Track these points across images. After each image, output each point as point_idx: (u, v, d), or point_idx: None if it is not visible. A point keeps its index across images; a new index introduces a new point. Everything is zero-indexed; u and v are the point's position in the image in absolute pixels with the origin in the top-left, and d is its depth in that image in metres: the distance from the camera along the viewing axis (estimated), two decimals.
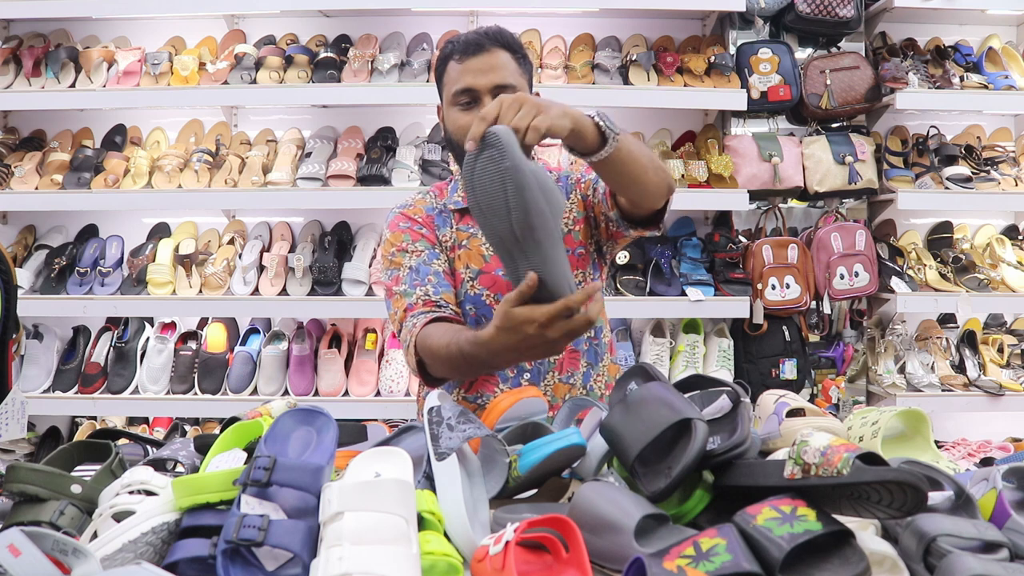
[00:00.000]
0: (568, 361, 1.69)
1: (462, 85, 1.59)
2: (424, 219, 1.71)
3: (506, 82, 1.58)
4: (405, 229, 1.68)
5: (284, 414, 1.15)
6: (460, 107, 1.60)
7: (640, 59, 2.94)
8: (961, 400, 2.90)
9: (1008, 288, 2.98)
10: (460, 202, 1.70)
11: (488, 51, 1.59)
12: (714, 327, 3.07)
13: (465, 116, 1.59)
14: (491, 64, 1.58)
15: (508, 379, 1.66)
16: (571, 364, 1.69)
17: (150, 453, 1.45)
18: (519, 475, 1.16)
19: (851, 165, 2.97)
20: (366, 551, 0.89)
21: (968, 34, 3.24)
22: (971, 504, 1.01)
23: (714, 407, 1.21)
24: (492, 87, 1.57)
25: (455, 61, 1.61)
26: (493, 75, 1.58)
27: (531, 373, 1.67)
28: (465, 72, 1.59)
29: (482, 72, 1.58)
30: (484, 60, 1.58)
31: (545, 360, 1.67)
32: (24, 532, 0.86)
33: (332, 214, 3.14)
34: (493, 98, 1.55)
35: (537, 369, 1.67)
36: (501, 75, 1.58)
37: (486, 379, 1.67)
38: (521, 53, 1.64)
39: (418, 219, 1.70)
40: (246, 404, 2.71)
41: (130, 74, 2.97)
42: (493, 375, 1.66)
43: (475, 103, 1.58)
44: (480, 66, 1.58)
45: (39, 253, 3.09)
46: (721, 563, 0.88)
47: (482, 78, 1.57)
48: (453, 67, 1.61)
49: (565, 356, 1.68)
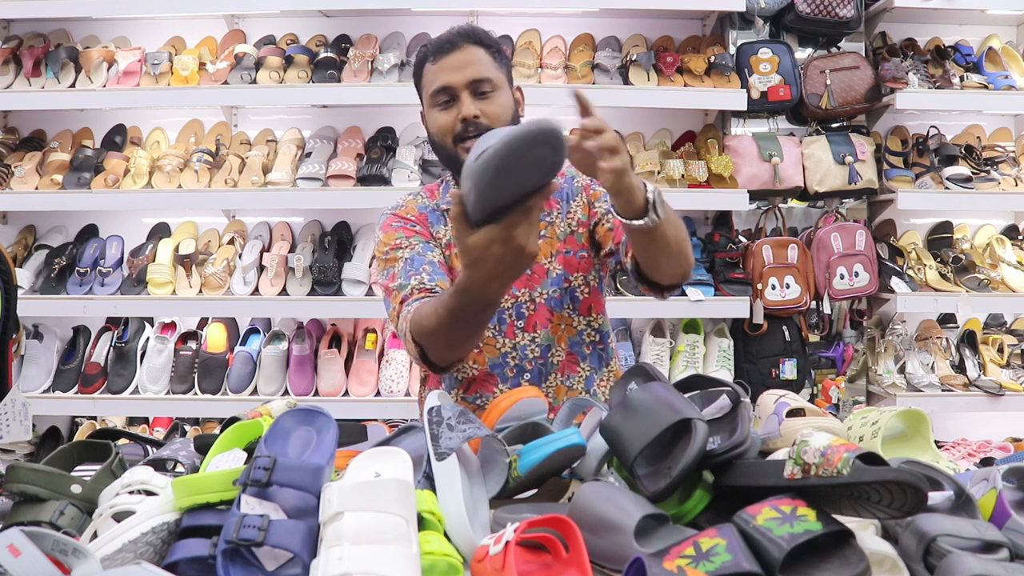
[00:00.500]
0: (568, 363, 1.69)
1: (439, 84, 1.58)
2: (417, 217, 1.71)
3: (482, 76, 1.58)
4: (398, 228, 1.67)
5: (284, 414, 1.15)
6: (440, 107, 1.59)
7: (640, 59, 2.94)
8: (961, 400, 2.90)
9: (1008, 288, 2.98)
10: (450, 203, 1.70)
11: (460, 48, 1.59)
12: (714, 327, 3.07)
13: (445, 115, 1.58)
14: (465, 60, 1.58)
15: (508, 379, 1.66)
16: (571, 367, 1.69)
17: (150, 453, 1.45)
18: (519, 475, 1.16)
19: (851, 165, 2.97)
20: (366, 551, 0.89)
21: (968, 34, 3.24)
22: (971, 504, 1.01)
23: (714, 407, 1.21)
24: (468, 82, 1.57)
25: (430, 63, 1.61)
26: (468, 71, 1.57)
27: (531, 374, 1.67)
28: (440, 71, 1.59)
29: (456, 69, 1.57)
30: (457, 57, 1.58)
31: (547, 361, 1.67)
32: (24, 532, 0.86)
33: (332, 214, 3.14)
34: (471, 93, 1.56)
35: (539, 370, 1.67)
36: (476, 70, 1.58)
37: (486, 379, 1.67)
38: (496, 48, 1.63)
39: (411, 217, 1.70)
40: (246, 404, 2.71)
41: (130, 74, 2.97)
42: (493, 375, 1.66)
43: (453, 101, 1.58)
44: (454, 63, 1.58)
45: (39, 253, 3.09)
46: (721, 563, 0.88)
47: (457, 75, 1.57)
48: (429, 69, 1.61)
49: (565, 358, 1.68)
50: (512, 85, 1.67)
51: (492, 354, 1.66)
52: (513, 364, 1.66)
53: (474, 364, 1.66)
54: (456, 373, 1.68)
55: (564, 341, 1.68)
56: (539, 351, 1.66)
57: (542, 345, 1.66)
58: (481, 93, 1.58)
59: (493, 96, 1.59)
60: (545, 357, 1.66)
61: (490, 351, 1.66)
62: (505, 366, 1.66)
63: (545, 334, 1.66)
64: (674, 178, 2.89)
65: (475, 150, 1.14)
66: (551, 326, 1.66)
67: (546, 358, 1.66)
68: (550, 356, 1.67)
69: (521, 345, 1.66)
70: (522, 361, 1.66)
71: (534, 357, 1.66)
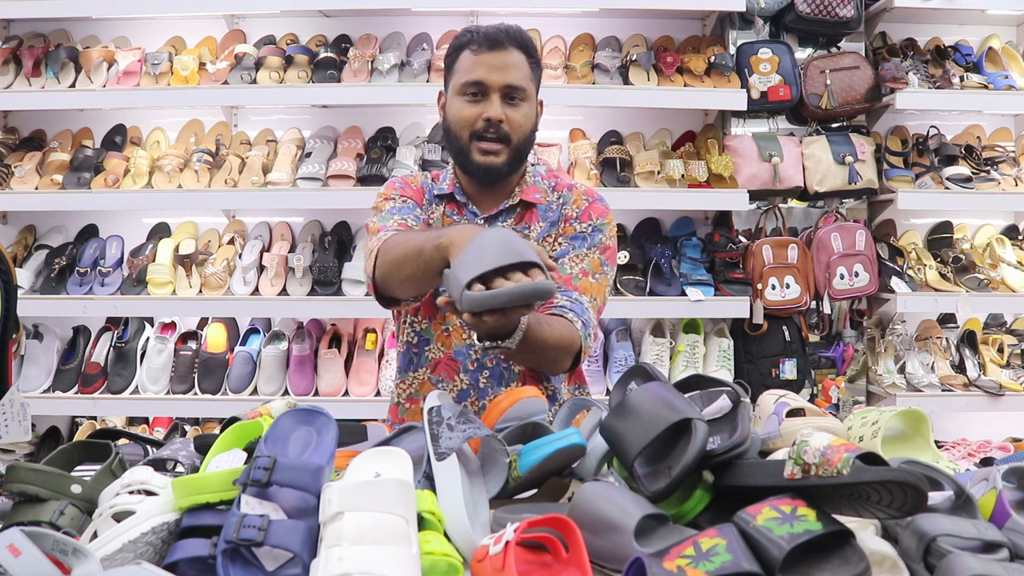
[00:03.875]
0: (531, 376, 1.68)
1: (474, 77, 1.59)
2: (417, 190, 1.75)
3: (517, 83, 1.60)
4: (398, 188, 1.73)
5: (284, 414, 1.15)
6: (467, 97, 1.61)
7: (640, 59, 2.94)
8: (961, 400, 2.90)
9: (1008, 288, 2.98)
10: (445, 189, 1.73)
11: (506, 49, 1.60)
12: (714, 327, 3.07)
13: (470, 108, 1.60)
14: (506, 62, 1.59)
15: (468, 371, 1.67)
16: (534, 381, 1.68)
17: (150, 453, 1.45)
18: (519, 475, 1.16)
19: (851, 165, 2.97)
20: (366, 551, 0.89)
21: (968, 34, 3.24)
22: (971, 504, 1.01)
23: (714, 407, 1.21)
24: (503, 86, 1.59)
25: (471, 51, 1.61)
26: (506, 74, 1.59)
27: (490, 372, 1.66)
28: (479, 65, 1.59)
29: (496, 68, 1.59)
30: (500, 57, 1.59)
31: (509, 366, 1.67)
32: (24, 532, 0.86)
33: (332, 214, 3.13)
34: (502, 98, 1.59)
35: (500, 373, 1.67)
36: (513, 75, 1.59)
37: (450, 363, 1.68)
38: (535, 58, 1.66)
39: (412, 187, 1.75)
40: (246, 404, 2.71)
41: (130, 74, 2.97)
42: (456, 361, 1.67)
43: (482, 97, 1.59)
44: (495, 62, 1.59)
45: (39, 253, 3.09)
46: (721, 563, 0.88)
47: (495, 75, 1.58)
48: (467, 56, 1.62)
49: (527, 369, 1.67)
50: (537, 97, 1.69)
51: (458, 342, 1.68)
52: (474, 358, 1.67)
53: (441, 347, 1.68)
54: (427, 353, 1.70)
55: None
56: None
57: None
58: (511, 99, 1.60)
59: (520, 105, 1.62)
60: (508, 362, 1.66)
61: (456, 338, 1.68)
62: (468, 358, 1.67)
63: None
64: (674, 178, 2.89)
65: (461, 272, 1.21)
66: None
67: (509, 363, 1.66)
68: (513, 363, 1.66)
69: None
70: (483, 357, 1.66)
71: (496, 357, 1.65)
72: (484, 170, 1.62)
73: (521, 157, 1.65)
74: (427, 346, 1.69)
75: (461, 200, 1.71)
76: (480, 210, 1.70)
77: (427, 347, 1.69)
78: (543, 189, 1.73)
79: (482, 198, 1.71)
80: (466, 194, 1.71)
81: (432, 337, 1.69)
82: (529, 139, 1.65)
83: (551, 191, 1.74)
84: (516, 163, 1.65)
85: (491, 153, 1.60)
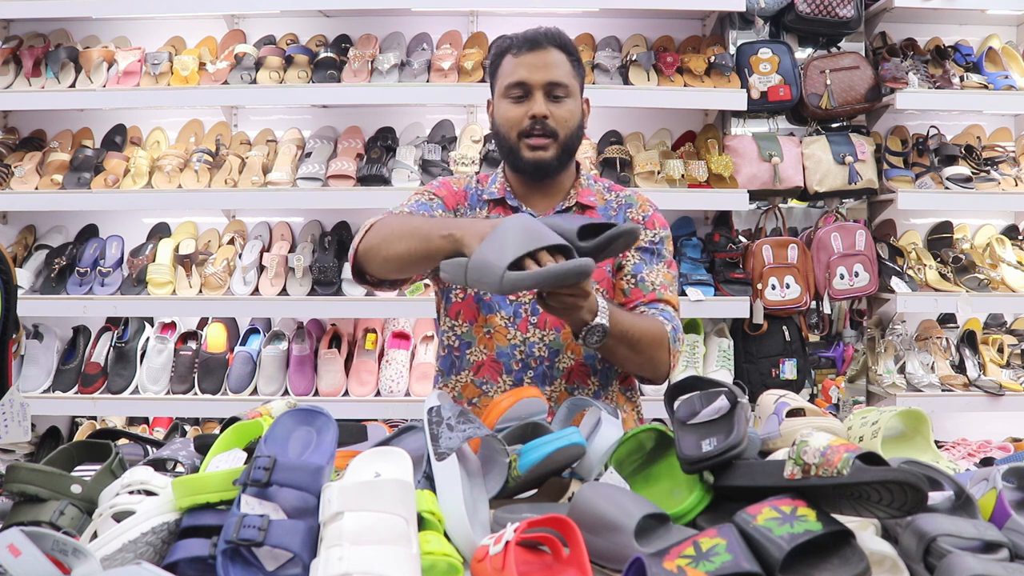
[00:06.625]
0: (577, 373, 1.67)
1: (516, 78, 1.63)
2: (456, 192, 1.76)
3: (559, 80, 1.63)
4: (434, 187, 1.76)
5: (284, 414, 1.15)
6: (512, 99, 1.64)
7: (640, 59, 2.94)
8: (961, 400, 2.90)
9: (1008, 288, 2.98)
10: (495, 193, 1.74)
11: (545, 48, 1.64)
12: (714, 327, 3.07)
13: (515, 108, 1.63)
14: (546, 61, 1.63)
15: (512, 372, 1.66)
16: (581, 377, 1.67)
17: (150, 453, 1.46)
18: (519, 475, 1.16)
19: (851, 165, 2.97)
20: (366, 551, 0.89)
21: (968, 34, 3.24)
22: (971, 504, 1.01)
23: (712, 408, 1.21)
24: (545, 83, 1.62)
25: (512, 55, 1.65)
26: (547, 72, 1.62)
27: (535, 372, 1.65)
28: (520, 66, 1.63)
29: (536, 68, 1.62)
30: (540, 57, 1.63)
31: (553, 364, 1.66)
32: (24, 532, 0.86)
33: (332, 214, 3.13)
34: (545, 95, 1.62)
35: (544, 372, 1.66)
36: (554, 72, 1.62)
37: (493, 364, 1.66)
38: (576, 57, 1.69)
39: (451, 187, 1.77)
40: (246, 404, 2.71)
41: (130, 74, 2.97)
42: (499, 363, 1.66)
43: (527, 97, 1.62)
44: (535, 62, 1.63)
45: (39, 253, 3.08)
46: (721, 563, 0.88)
47: (536, 73, 1.62)
48: (509, 60, 1.65)
49: (574, 366, 1.67)
50: (582, 95, 1.71)
51: (501, 343, 1.66)
52: (519, 358, 1.66)
53: (484, 349, 1.67)
54: (469, 356, 1.69)
55: (576, 350, 1.66)
56: (546, 351, 1.65)
57: (551, 347, 1.65)
58: (555, 96, 1.63)
59: (564, 101, 1.64)
60: (552, 360, 1.66)
61: (500, 339, 1.66)
62: (512, 358, 1.66)
63: (556, 337, 1.65)
64: (674, 178, 2.89)
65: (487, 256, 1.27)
66: (564, 331, 1.65)
67: (553, 361, 1.66)
68: (557, 361, 1.66)
69: (530, 342, 1.65)
70: (527, 358, 1.65)
71: (540, 356, 1.65)
72: (534, 165, 1.64)
73: (570, 152, 1.68)
74: (468, 349, 1.69)
75: (513, 204, 1.71)
76: (535, 212, 1.70)
77: (468, 350, 1.69)
78: (597, 191, 1.76)
79: (536, 200, 1.72)
80: (518, 197, 1.72)
81: (474, 340, 1.68)
82: (576, 135, 1.68)
83: (607, 191, 1.77)
84: (566, 158, 1.67)
85: (539, 148, 1.63)
